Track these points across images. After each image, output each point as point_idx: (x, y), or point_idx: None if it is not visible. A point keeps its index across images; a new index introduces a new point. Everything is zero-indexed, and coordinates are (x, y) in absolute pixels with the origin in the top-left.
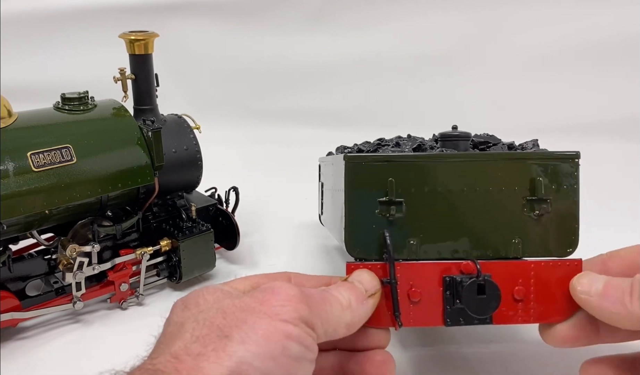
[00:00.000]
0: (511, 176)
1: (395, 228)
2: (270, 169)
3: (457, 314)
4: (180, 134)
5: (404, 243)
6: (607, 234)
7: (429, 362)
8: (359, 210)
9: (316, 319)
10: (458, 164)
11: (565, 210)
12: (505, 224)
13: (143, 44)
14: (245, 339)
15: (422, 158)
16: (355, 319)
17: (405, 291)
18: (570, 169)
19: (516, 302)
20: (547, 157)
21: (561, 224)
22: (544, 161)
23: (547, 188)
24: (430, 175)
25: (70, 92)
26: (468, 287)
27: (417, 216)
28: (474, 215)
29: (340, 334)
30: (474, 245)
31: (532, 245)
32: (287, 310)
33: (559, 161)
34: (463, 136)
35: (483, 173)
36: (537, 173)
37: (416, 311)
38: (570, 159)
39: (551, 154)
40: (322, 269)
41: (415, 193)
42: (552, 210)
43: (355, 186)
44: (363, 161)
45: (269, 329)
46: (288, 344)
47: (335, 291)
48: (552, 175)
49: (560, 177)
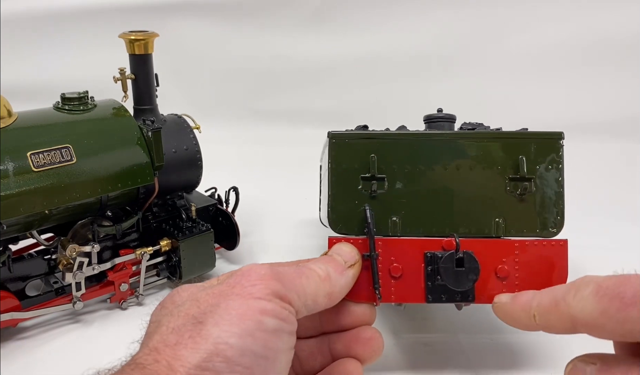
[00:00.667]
0: (494, 155)
1: (378, 204)
2: (270, 169)
3: (438, 290)
4: (180, 134)
5: (387, 220)
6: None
7: (422, 350)
8: (342, 186)
9: (291, 293)
10: (440, 142)
11: (549, 190)
12: (488, 202)
13: (143, 44)
14: (219, 321)
15: (404, 136)
16: (335, 289)
17: (386, 267)
18: (555, 148)
19: (500, 281)
20: (530, 137)
21: (545, 203)
22: (528, 140)
23: (531, 167)
24: (413, 153)
25: (70, 92)
26: (446, 259)
27: (399, 193)
28: (457, 193)
29: (321, 304)
30: (457, 224)
31: (516, 225)
32: (258, 288)
33: (543, 140)
34: (447, 118)
35: (466, 152)
36: (521, 152)
37: (397, 287)
38: (554, 139)
39: (535, 134)
40: None
41: (398, 170)
42: (536, 190)
43: (339, 162)
44: (347, 138)
45: (242, 307)
46: (263, 319)
47: (313, 264)
48: (536, 155)
49: (545, 157)
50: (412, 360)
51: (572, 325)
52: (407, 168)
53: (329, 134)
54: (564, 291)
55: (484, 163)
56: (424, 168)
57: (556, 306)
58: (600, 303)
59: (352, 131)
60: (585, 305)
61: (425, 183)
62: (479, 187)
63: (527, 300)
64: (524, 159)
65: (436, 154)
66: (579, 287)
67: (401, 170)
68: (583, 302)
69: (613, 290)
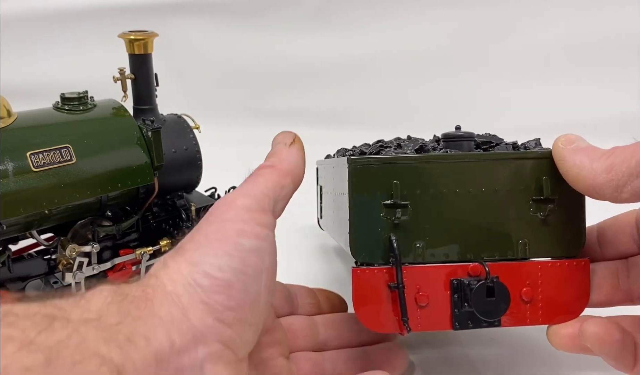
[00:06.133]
0: (517, 176)
1: (401, 231)
2: None
3: (465, 317)
4: (179, 133)
5: (410, 246)
6: None
7: (433, 362)
8: (363, 214)
9: (262, 199)
10: (463, 165)
11: (571, 210)
12: (512, 224)
13: (142, 44)
14: (198, 247)
15: (426, 159)
16: (292, 167)
17: (412, 295)
18: None
19: (524, 304)
20: (552, 156)
21: (568, 224)
22: (550, 160)
23: (554, 187)
24: (435, 176)
25: (70, 92)
26: (477, 290)
27: (422, 219)
28: (481, 216)
29: (288, 188)
30: (481, 247)
31: (539, 246)
32: (234, 213)
33: None
34: (466, 136)
35: (489, 173)
36: (543, 172)
37: (424, 315)
38: None
39: None
40: (320, 269)
41: (421, 195)
42: (558, 210)
43: (359, 189)
44: (367, 164)
45: (219, 232)
46: (240, 240)
47: (259, 167)
48: (559, 174)
49: None
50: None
51: None
52: (430, 192)
53: (349, 160)
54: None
55: (507, 184)
56: (447, 191)
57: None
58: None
59: (372, 156)
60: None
61: (449, 207)
62: (503, 209)
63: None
64: (548, 179)
65: (459, 176)
66: None
67: (424, 194)
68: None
69: None
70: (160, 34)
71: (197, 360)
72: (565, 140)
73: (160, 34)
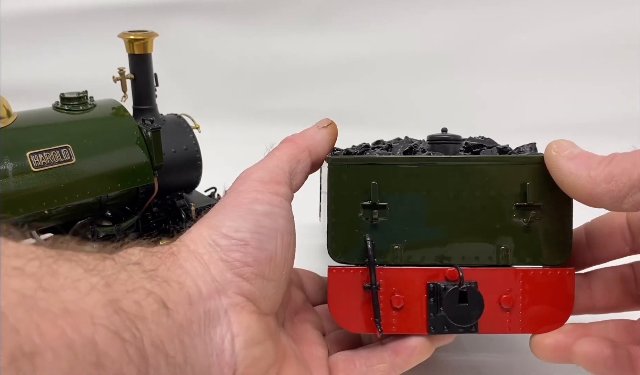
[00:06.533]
0: (500, 181)
1: (379, 232)
2: None
3: (441, 321)
4: (179, 133)
5: (388, 248)
6: None
7: (435, 370)
8: (342, 214)
9: (275, 171)
10: (444, 168)
11: (557, 218)
12: (493, 230)
13: (142, 44)
14: (216, 213)
15: (406, 161)
16: (311, 143)
17: (387, 297)
18: None
19: (504, 311)
20: (538, 162)
21: (553, 231)
22: (535, 165)
23: (539, 194)
24: (415, 179)
25: (70, 92)
26: (449, 295)
27: (401, 221)
28: (461, 220)
29: (305, 162)
30: (461, 252)
31: (522, 253)
32: (248, 184)
33: None
34: (452, 139)
35: (470, 177)
36: (528, 178)
37: (399, 318)
38: None
39: (543, 158)
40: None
41: (400, 197)
42: (544, 217)
43: (338, 189)
44: (346, 164)
45: (235, 201)
46: (254, 206)
47: (276, 146)
48: (544, 181)
49: (552, 183)
50: None
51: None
52: (409, 194)
53: (328, 159)
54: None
55: (490, 189)
56: (427, 194)
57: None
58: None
59: (352, 156)
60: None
61: (429, 210)
62: (484, 213)
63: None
64: (532, 185)
65: (440, 179)
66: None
67: (403, 196)
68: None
69: None
70: (160, 34)
71: (221, 307)
72: (558, 146)
73: (160, 34)
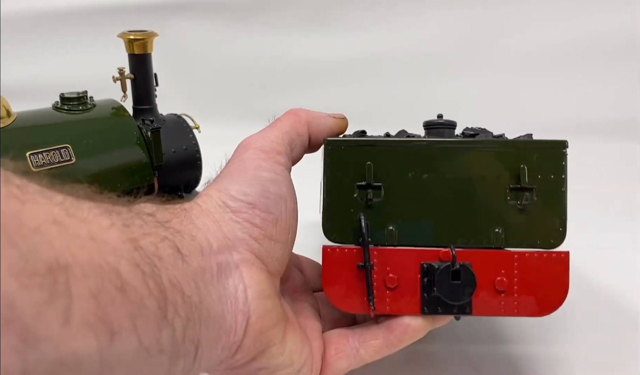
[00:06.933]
0: (494, 164)
1: (374, 213)
2: None
3: (434, 302)
4: (179, 133)
5: (383, 229)
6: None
7: (424, 360)
8: (337, 194)
9: (277, 142)
10: (439, 150)
11: (551, 201)
12: (487, 212)
13: (142, 44)
14: (223, 179)
15: (402, 143)
16: (315, 119)
17: (381, 277)
18: (558, 158)
19: (498, 293)
20: (532, 146)
21: (547, 215)
22: (530, 150)
23: (532, 177)
24: (411, 161)
25: (69, 92)
26: (442, 272)
27: (396, 202)
28: (455, 203)
29: (303, 134)
30: (455, 234)
31: (516, 236)
32: (250, 152)
33: (545, 150)
34: (447, 124)
35: (465, 160)
36: (522, 161)
37: (392, 298)
38: (557, 148)
39: (537, 143)
40: None
41: (395, 178)
42: (538, 200)
43: (334, 169)
44: (342, 145)
45: (239, 168)
46: (258, 172)
47: (278, 118)
48: (538, 164)
49: (547, 167)
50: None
51: None
52: (404, 176)
53: (325, 140)
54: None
55: (484, 172)
56: (422, 176)
57: None
58: None
59: (348, 138)
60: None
61: (423, 192)
62: (479, 196)
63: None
64: (526, 168)
65: (435, 162)
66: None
67: (398, 178)
68: None
69: None
70: (160, 34)
71: (233, 262)
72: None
73: (160, 34)
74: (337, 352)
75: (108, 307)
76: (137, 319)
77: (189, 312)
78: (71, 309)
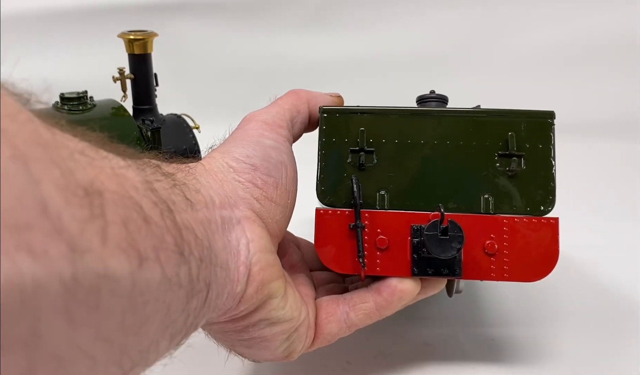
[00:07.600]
0: (484, 132)
1: (366, 178)
2: None
3: (424, 263)
4: (179, 133)
5: (374, 194)
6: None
7: (422, 349)
8: (331, 159)
9: (279, 116)
10: (430, 118)
11: (540, 169)
12: (477, 179)
13: (142, 44)
14: (227, 143)
15: (394, 111)
16: (315, 97)
17: (372, 239)
18: (545, 127)
19: (488, 257)
20: (521, 115)
21: (536, 182)
22: (518, 118)
23: (521, 144)
24: (402, 128)
25: (69, 91)
26: (430, 227)
27: (387, 167)
28: (446, 169)
29: (304, 112)
30: (445, 199)
31: (505, 203)
32: (253, 123)
33: (533, 119)
34: (439, 98)
35: (454, 127)
36: (511, 129)
37: (383, 259)
38: (544, 118)
39: (525, 112)
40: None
41: (387, 144)
42: (527, 168)
43: (329, 135)
44: (337, 112)
45: (243, 135)
46: (261, 140)
47: (281, 96)
48: (527, 133)
49: (535, 135)
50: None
51: None
52: (396, 142)
53: (320, 108)
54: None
55: (474, 139)
56: (413, 143)
57: None
58: None
59: (342, 106)
60: None
61: (414, 158)
62: (468, 163)
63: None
64: (514, 135)
65: (426, 129)
66: None
67: (390, 144)
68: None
69: None
70: (160, 34)
71: (235, 217)
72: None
73: (160, 34)
74: (327, 316)
75: (135, 235)
76: (159, 251)
77: (202, 253)
78: (107, 231)
